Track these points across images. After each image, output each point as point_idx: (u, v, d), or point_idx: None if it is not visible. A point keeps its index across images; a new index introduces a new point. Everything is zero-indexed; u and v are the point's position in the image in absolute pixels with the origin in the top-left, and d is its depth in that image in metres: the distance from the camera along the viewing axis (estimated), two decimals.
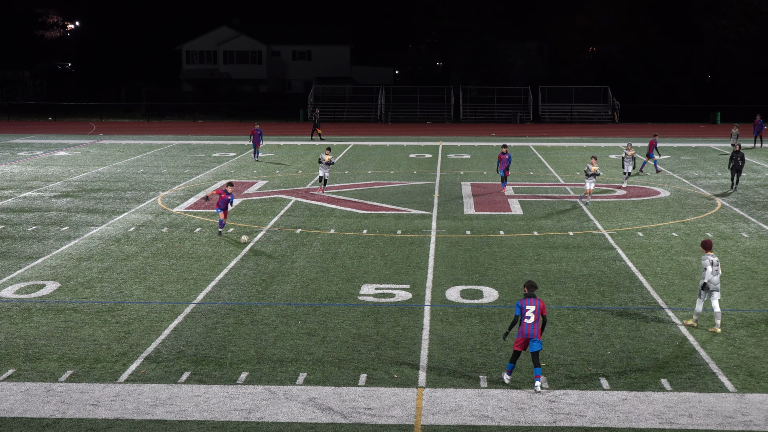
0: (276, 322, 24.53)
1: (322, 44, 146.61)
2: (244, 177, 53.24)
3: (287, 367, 21.05)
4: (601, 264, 31.36)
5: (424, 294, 27.46)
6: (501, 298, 27.02)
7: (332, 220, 39.41)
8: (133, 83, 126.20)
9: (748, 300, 26.85)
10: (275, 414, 18.39)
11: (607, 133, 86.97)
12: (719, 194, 46.73)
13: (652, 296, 27.30)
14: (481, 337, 23.34)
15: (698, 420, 18.23)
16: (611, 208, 42.38)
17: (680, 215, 40.72)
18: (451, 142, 76.38)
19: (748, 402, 19.19)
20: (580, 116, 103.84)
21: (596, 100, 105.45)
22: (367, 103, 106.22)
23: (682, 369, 21.10)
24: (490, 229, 37.58)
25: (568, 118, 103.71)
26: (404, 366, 21.22)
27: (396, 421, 18.10)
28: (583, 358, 21.77)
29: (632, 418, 18.29)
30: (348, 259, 31.98)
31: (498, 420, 18.18)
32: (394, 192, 47.53)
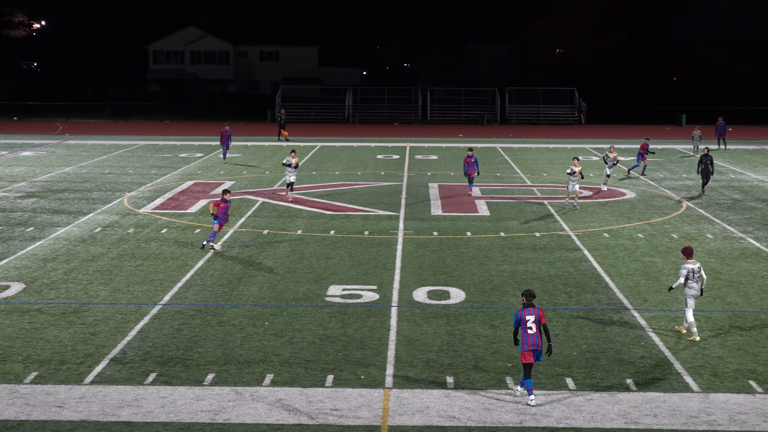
0: (243, 323, 24.47)
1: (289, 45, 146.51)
2: (211, 178, 53.07)
3: (254, 369, 21.00)
4: (568, 265, 31.47)
5: (391, 295, 27.46)
6: (468, 299, 27.06)
7: (299, 221, 39.35)
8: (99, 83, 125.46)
9: (712, 301, 27.02)
10: (242, 415, 18.34)
11: (574, 135, 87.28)
12: (689, 197, 46.98)
13: (617, 297, 27.43)
14: (448, 338, 23.37)
15: (663, 420, 18.33)
16: (578, 210, 42.52)
17: (646, 216, 40.93)
18: (419, 144, 76.43)
19: (712, 402, 19.31)
20: (547, 118, 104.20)
21: (563, 102, 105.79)
22: (335, 104, 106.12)
23: (648, 369, 21.21)
24: (457, 230, 37.63)
25: (535, 119, 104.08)
26: (371, 367, 21.21)
27: (363, 422, 18.09)
28: (549, 359, 21.82)
29: (598, 418, 18.37)
30: (315, 260, 31.93)
31: (465, 420, 18.21)
32: (362, 193, 47.51)
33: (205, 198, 44.90)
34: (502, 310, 25.85)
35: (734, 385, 20.27)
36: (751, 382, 20.40)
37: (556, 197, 46.24)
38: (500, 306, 26.32)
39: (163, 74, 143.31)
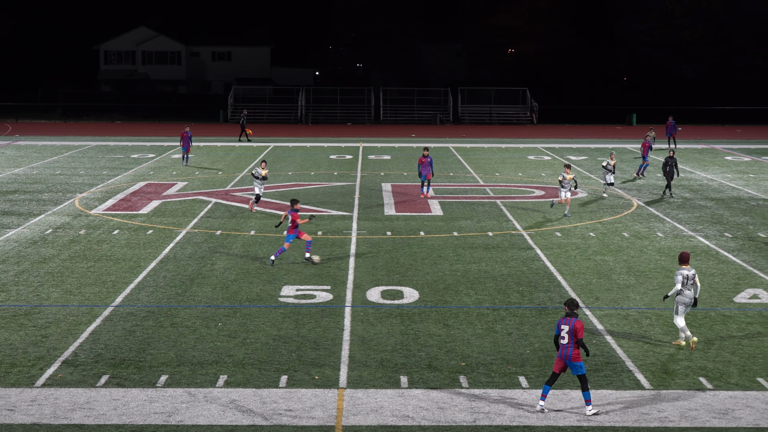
0: (196, 325, 24.34)
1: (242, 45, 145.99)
2: (164, 178, 52.77)
3: (207, 370, 20.90)
4: (520, 264, 31.60)
5: (344, 295, 27.44)
6: (421, 298, 27.09)
7: (252, 221, 39.22)
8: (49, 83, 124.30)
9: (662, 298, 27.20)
10: (195, 417, 18.25)
11: (526, 135, 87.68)
12: (656, 199, 47.31)
13: (569, 296, 27.55)
14: (401, 337, 23.38)
15: (615, 417, 18.45)
16: (530, 209, 42.74)
17: (597, 215, 41.18)
18: (372, 144, 76.44)
19: (663, 398, 19.46)
20: (499, 117, 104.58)
21: (515, 102, 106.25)
22: (288, 104, 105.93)
23: (600, 367, 21.35)
24: (411, 229, 37.67)
25: (488, 119, 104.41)
26: (325, 367, 21.18)
27: (317, 423, 18.06)
28: (502, 357, 21.92)
29: (551, 416, 18.46)
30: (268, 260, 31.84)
31: (419, 420, 18.23)
32: (315, 193, 47.45)
33: (157, 199, 44.60)
34: (455, 310, 25.91)
35: (685, 382, 20.45)
36: (701, 379, 20.59)
37: (508, 197, 46.43)
38: (454, 305, 26.38)
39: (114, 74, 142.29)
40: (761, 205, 44.48)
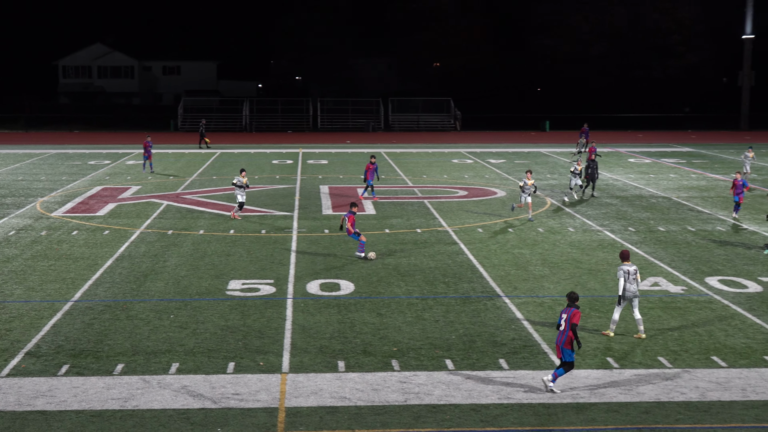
0: (150, 317, 24.15)
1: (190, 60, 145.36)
2: (119, 183, 52.22)
3: (161, 358, 20.75)
4: (446, 257, 31.72)
5: (286, 288, 27.38)
6: (357, 290, 27.10)
7: (201, 221, 38.97)
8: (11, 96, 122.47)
9: (574, 287, 27.46)
10: (150, 402, 18.11)
11: (450, 140, 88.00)
12: (581, 200, 47.68)
13: (491, 285, 27.73)
14: (339, 326, 23.38)
15: (532, 395, 18.60)
16: (454, 208, 42.93)
17: (515, 213, 41.43)
18: (311, 149, 76.28)
19: (575, 377, 19.62)
20: (426, 125, 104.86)
21: (440, 110, 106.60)
22: (233, 114, 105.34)
23: (518, 350, 21.51)
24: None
25: (415, 126, 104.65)
26: (269, 354, 21.12)
27: (262, 405, 18.01)
28: (430, 343, 22.01)
29: (474, 395, 18.57)
30: (216, 257, 31.66)
31: (355, 400, 18.25)
32: (259, 195, 47.24)
33: (113, 202, 44.15)
34: (387, 300, 25.95)
35: (594, 361, 20.68)
36: (608, 359, 20.84)
37: (435, 197, 46.59)
38: (386, 296, 26.41)
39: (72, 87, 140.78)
40: (660, 202, 45.10)
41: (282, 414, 17.59)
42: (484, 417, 17.52)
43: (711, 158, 68.83)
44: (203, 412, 17.65)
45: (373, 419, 17.38)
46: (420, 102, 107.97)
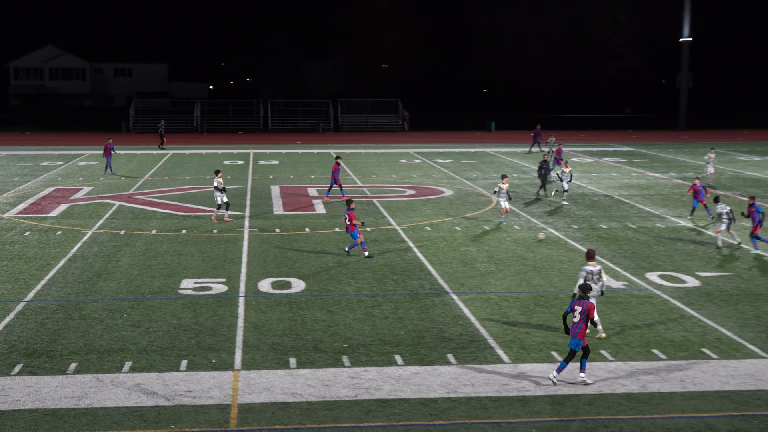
0: (103, 316, 23.94)
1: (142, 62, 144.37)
2: (71, 184, 51.66)
3: (114, 357, 20.58)
4: (395, 255, 31.79)
5: (238, 286, 27.28)
6: (307, 288, 27.08)
7: (154, 221, 38.70)
8: None
9: (519, 283, 27.70)
10: (103, 400, 17.96)
11: (399, 141, 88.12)
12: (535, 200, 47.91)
13: (439, 282, 27.84)
14: (290, 323, 23.35)
15: (479, 388, 18.72)
16: (403, 207, 43.02)
17: (462, 211, 41.66)
18: (261, 150, 75.99)
19: (520, 371, 19.81)
20: (374, 125, 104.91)
21: (389, 111, 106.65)
22: (185, 116, 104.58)
23: (465, 345, 21.63)
24: (297, 226, 37.61)
25: (365, 127, 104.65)
26: (221, 351, 21.04)
27: (215, 402, 17.94)
28: (380, 339, 22.06)
29: (423, 390, 18.65)
30: (169, 256, 31.46)
31: (306, 396, 18.24)
32: (211, 195, 46.94)
33: (65, 202, 43.69)
34: (338, 297, 25.96)
35: (539, 355, 20.85)
36: (553, 353, 21.02)
37: (384, 196, 46.66)
38: (336, 293, 26.42)
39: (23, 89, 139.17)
40: (602, 200, 45.54)
41: (235, 410, 17.54)
42: (432, 411, 17.60)
43: (651, 157, 69.62)
44: (156, 409, 17.55)
45: (324, 414, 17.38)
46: (369, 103, 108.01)
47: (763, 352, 21.27)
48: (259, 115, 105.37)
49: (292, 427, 16.78)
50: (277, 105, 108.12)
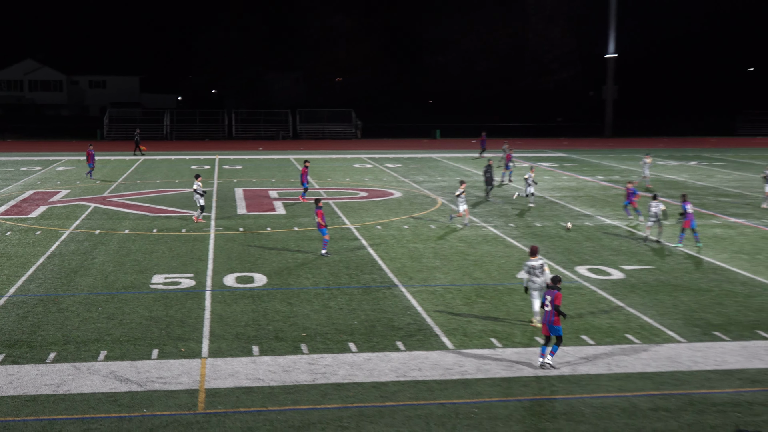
0: (79, 309, 23.71)
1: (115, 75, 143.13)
2: (49, 187, 51.02)
3: (90, 347, 20.40)
4: (349, 252, 31.80)
5: (205, 281, 27.14)
6: (269, 282, 27.01)
7: (127, 222, 38.36)
8: None
9: (462, 276, 27.83)
10: (80, 386, 17.81)
11: (352, 147, 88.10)
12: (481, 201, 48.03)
13: (389, 276, 27.89)
14: (253, 314, 23.28)
15: (426, 372, 18.81)
16: (356, 207, 43.04)
17: (410, 211, 41.76)
18: (226, 156, 75.61)
19: (463, 356, 19.92)
20: (330, 133, 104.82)
21: (343, 120, 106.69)
22: (155, 124, 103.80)
23: (413, 333, 21.70)
24: (259, 226, 37.49)
25: (321, 135, 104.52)
26: (190, 341, 20.94)
27: (184, 387, 17.86)
28: (335, 328, 22.07)
29: (375, 374, 18.70)
30: (141, 254, 31.22)
31: (268, 381, 18.22)
32: (179, 197, 46.70)
33: (44, 204, 43.17)
34: (297, 291, 25.93)
35: (480, 342, 20.98)
36: (492, 339, 21.16)
37: (338, 198, 46.62)
38: (295, 287, 26.38)
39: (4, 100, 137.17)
40: (536, 200, 45.84)
41: (202, 395, 17.47)
42: (383, 393, 17.66)
43: (580, 162, 70.26)
44: (130, 394, 17.43)
45: (284, 397, 17.37)
46: (325, 113, 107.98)
47: (680, 337, 21.60)
48: (224, 123, 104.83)
49: (255, 410, 16.75)
50: (240, 114, 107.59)
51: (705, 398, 17.59)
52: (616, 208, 43.00)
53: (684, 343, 21.15)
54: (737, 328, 22.31)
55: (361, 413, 16.65)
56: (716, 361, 19.83)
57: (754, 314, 23.65)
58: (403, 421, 16.28)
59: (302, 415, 16.55)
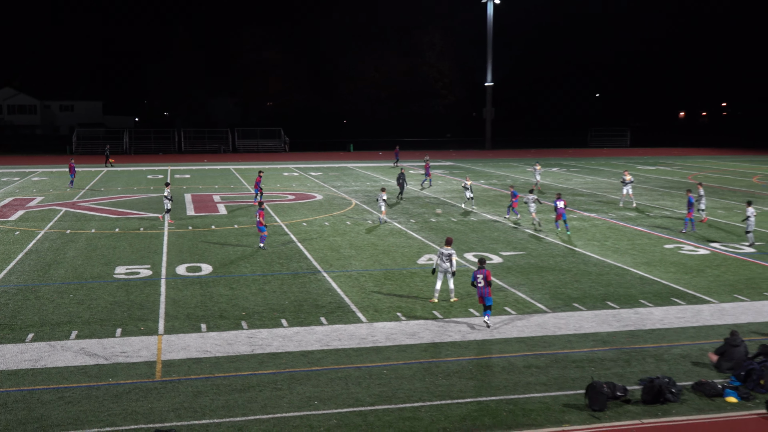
0: (53, 297, 22.98)
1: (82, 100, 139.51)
2: (26, 195, 49.29)
3: (63, 328, 19.79)
4: (280, 245, 31.54)
5: (160, 271, 26.59)
6: (214, 271, 26.61)
7: (93, 223, 37.33)
8: None
9: (373, 263, 27.86)
10: (55, 361, 17.26)
11: (281, 159, 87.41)
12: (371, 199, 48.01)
13: (313, 264, 27.76)
14: (201, 298, 22.90)
15: (345, 342, 18.78)
16: (285, 208, 42.71)
17: (329, 211, 41.64)
18: (177, 167, 74.20)
19: (375, 328, 19.95)
20: (263, 147, 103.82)
21: (274, 137, 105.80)
22: (116, 141, 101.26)
23: (334, 310, 21.64)
24: (205, 224, 36.91)
25: (255, 149, 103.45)
26: (148, 321, 20.49)
27: (144, 359, 17.47)
28: (270, 308, 21.86)
29: (303, 344, 18.58)
30: (106, 249, 30.42)
31: (214, 353, 17.95)
32: (138, 202, 45.65)
33: (22, 209, 41.70)
34: (237, 277, 25.60)
35: (388, 316, 21.04)
36: (398, 314, 21.23)
37: (271, 200, 46.19)
38: (236, 274, 26.05)
39: None
40: (432, 201, 46.21)
41: (159, 365, 17.11)
42: (310, 360, 17.56)
43: (466, 169, 71.02)
44: (97, 367, 16.97)
45: (228, 366, 17.13)
46: (258, 130, 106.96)
47: (547, 308, 22.01)
48: (174, 140, 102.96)
49: (203, 377, 16.48)
50: (188, 132, 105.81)
51: (567, 356, 17.96)
52: (495, 206, 43.59)
53: (550, 313, 21.56)
54: (591, 300, 22.84)
55: (292, 377, 16.53)
56: (575, 326, 20.26)
57: (603, 289, 24.26)
58: (327, 382, 16.22)
59: (243, 379, 16.35)
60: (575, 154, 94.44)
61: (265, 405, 15.02)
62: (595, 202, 45.48)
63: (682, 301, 22.72)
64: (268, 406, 14.98)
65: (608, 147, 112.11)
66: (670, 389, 15.37)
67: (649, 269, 26.97)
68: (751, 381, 16.08)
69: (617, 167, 72.76)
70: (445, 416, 14.57)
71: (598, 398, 14.93)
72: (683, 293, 23.66)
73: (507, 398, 15.42)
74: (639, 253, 29.92)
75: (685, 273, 26.41)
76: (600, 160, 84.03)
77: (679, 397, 15.42)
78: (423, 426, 14.15)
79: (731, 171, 68.63)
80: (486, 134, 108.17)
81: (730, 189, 52.72)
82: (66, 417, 14.44)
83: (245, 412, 14.65)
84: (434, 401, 15.26)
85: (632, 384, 16.16)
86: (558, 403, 15.20)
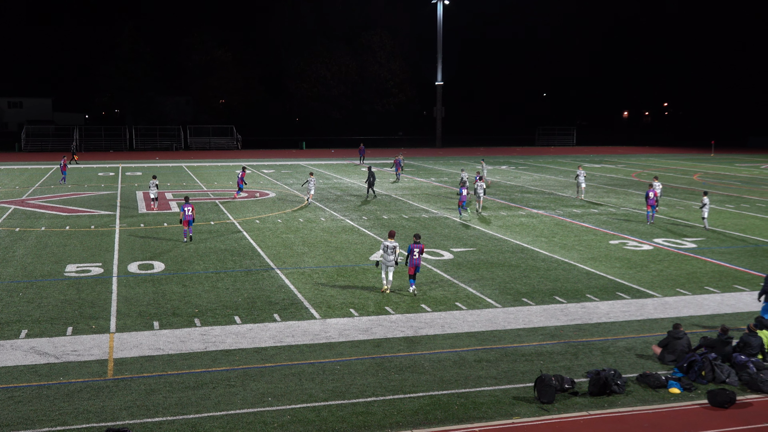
0: (2, 295, 22.39)
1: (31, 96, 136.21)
2: None
3: (13, 327, 19.30)
4: (233, 242, 31.26)
5: (112, 269, 26.13)
6: (167, 268, 26.24)
7: (43, 220, 36.52)
8: None
9: (326, 260, 27.78)
10: (4, 360, 16.83)
11: (234, 156, 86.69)
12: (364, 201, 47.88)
13: (267, 261, 27.56)
14: (153, 295, 22.56)
15: (298, 338, 18.68)
16: (239, 206, 42.35)
17: (282, 208, 41.41)
18: (128, 164, 73.03)
19: (328, 324, 19.88)
20: (215, 145, 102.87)
21: (226, 135, 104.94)
22: (66, 139, 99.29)
23: (287, 306, 21.51)
24: (158, 222, 36.38)
25: (208, 146, 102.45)
26: (99, 319, 20.10)
27: (95, 358, 17.13)
28: (223, 305, 21.63)
29: (257, 341, 18.43)
30: (56, 247, 29.77)
31: (167, 350, 17.69)
32: (88, 199, 44.79)
33: None
34: (190, 274, 25.28)
35: (341, 312, 20.99)
36: (351, 310, 21.20)
37: (223, 198, 45.78)
38: (189, 272, 25.72)
39: None
40: (383, 198, 46.26)
41: (111, 364, 16.80)
42: (264, 357, 17.42)
43: (417, 167, 71.26)
44: (48, 366, 16.59)
45: (181, 363, 16.91)
46: (210, 128, 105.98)
47: (497, 303, 22.19)
48: (125, 137, 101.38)
49: (156, 374, 16.23)
50: (140, 130, 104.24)
51: (516, 350, 18.13)
52: (446, 203, 43.83)
53: (500, 308, 21.73)
54: (539, 295, 23.10)
55: (245, 373, 16.38)
56: (524, 321, 20.47)
57: (551, 284, 24.55)
58: (281, 379, 16.11)
59: (196, 377, 16.15)
60: (523, 153, 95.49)
61: (219, 402, 14.85)
62: (542, 199, 46.02)
63: (627, 296, 23.12)
64: (222, 403, 14.82)
65: (555, 145, 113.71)
66: (616, 381, 15.63)
67: (595, 264, 27.39)
68: (693, 372, 16.44)
69: (564, 165, 73.76)
70: (397, 410, 14.59)
71: (546, 391, 15.10)
72: (628, 288, 24.07)
73: (458, 392, 15.50)
74: (585, 248, 30.36)
75: (629, 268, 26.88)
76: (547, 158, 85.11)
77: (625, 388, 15.68)
78: (376, 420, 14.14)
79: (673, 169, 70.11)
80: (437, 132, 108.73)
81: (672, 186, 53.82)
82: (16, 417, 14.09)
83: (199, 410, 14.47)
84: (387, 396, 15.27)
85: (579, 376, 16.38)
86: (508, 396, 15.33)
